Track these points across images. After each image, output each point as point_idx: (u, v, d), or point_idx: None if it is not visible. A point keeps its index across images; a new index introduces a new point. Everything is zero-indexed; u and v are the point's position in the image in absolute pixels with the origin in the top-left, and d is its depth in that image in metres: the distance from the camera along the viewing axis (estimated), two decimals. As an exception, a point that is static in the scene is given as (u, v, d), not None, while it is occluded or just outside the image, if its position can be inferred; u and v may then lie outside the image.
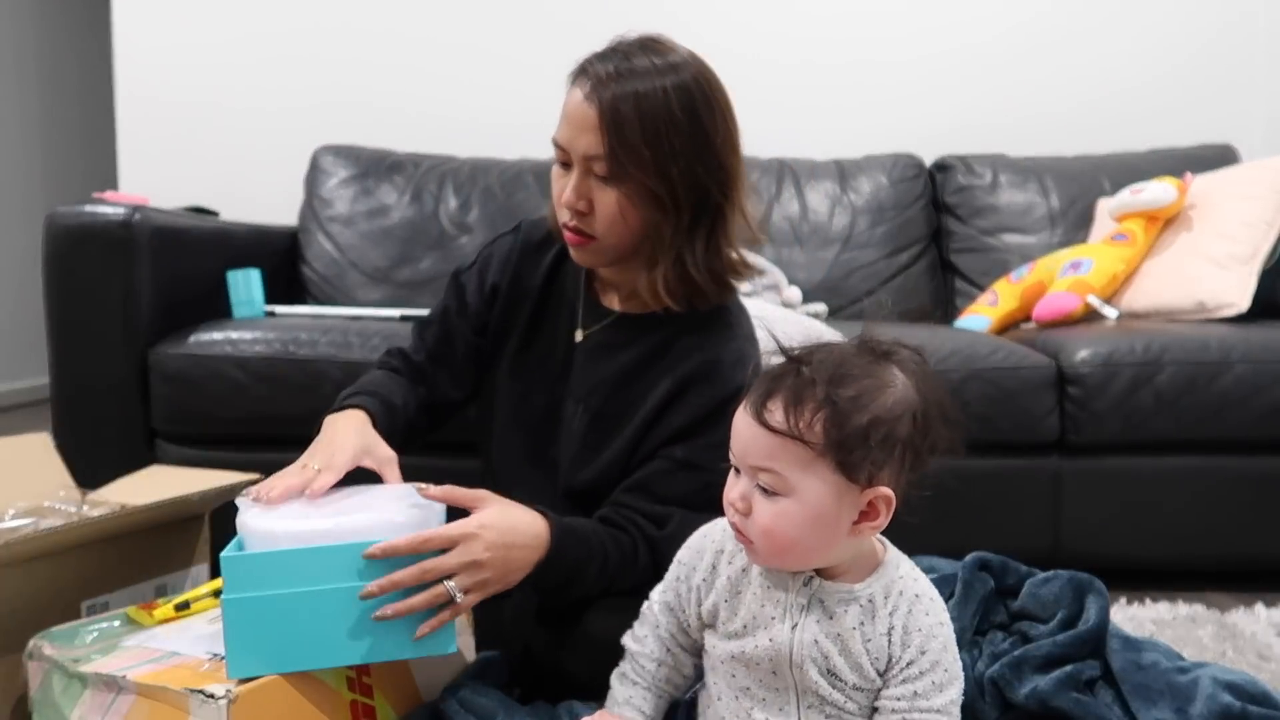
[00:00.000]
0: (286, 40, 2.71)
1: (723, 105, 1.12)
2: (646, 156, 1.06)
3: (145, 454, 1.71)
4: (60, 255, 1.70)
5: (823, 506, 0.81)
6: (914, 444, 0.83)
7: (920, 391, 0.84)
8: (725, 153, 1.11)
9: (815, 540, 0.83)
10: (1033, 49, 2.72)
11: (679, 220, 1.11)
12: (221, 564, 0.91)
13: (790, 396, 0.81)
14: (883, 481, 0.82)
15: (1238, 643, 1.42)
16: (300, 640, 0.91)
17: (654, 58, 1.09)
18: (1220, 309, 1.92)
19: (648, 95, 1.06)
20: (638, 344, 1.20)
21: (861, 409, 0.81)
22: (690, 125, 1.07)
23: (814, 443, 0.80)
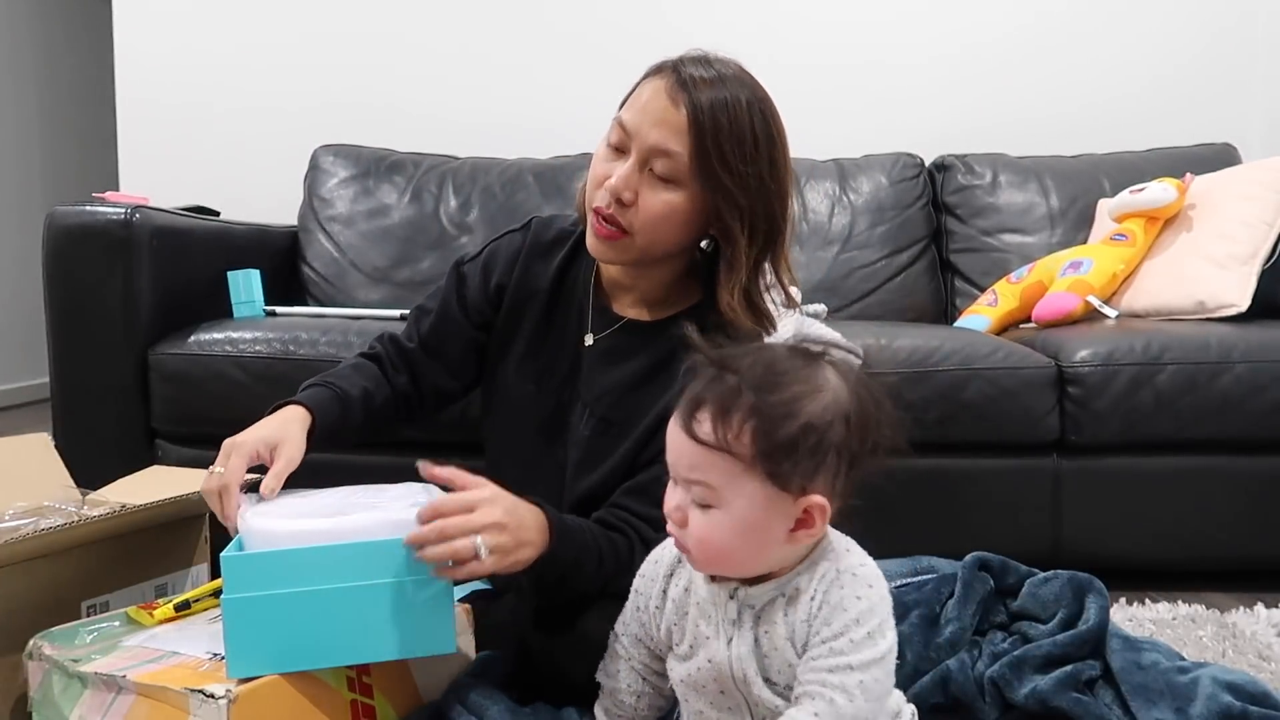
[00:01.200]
0: (287, 41, 2.71)
1: (780, 134, 1.11)
2: (734, 164, 1.05)
3: (145, 454, 1.71)
4: (60, 255, 1.70)
5: (754, 518, 0.80)
6: (849, 448, 0.81)
7: (854, 393, 0.82)
8: (786, 173, 1.11)
9: (750, 550, 0.82)
10: (1033, 49, 2.72)
11: (748, 236, 1.09)
12: (221, 564, 0.91)
13: (718, 406, 0.79)
14: (817, 489, 0.80)
15: (1238, 643, 1.42)
16: (300, 640, 0.91)
17: (724, 69, 1.08)
18: (1220, 309, 1.92)
19: (736, 105, 1.05)
20: (646, 351, 1.19)
21: (791, 416, 0.78)
22: (769, 144, 1.07)
23: (742, 454, 0.78)
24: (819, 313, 2.14)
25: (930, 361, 1.69)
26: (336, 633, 0.92)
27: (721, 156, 1.05)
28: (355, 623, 0.92)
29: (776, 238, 1.12)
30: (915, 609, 1.12)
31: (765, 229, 1.11)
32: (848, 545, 0.87)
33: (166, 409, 1.72)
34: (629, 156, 1.09)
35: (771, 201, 1.10)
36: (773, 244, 1.12)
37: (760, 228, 1.10)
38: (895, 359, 1.70)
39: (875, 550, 1.30)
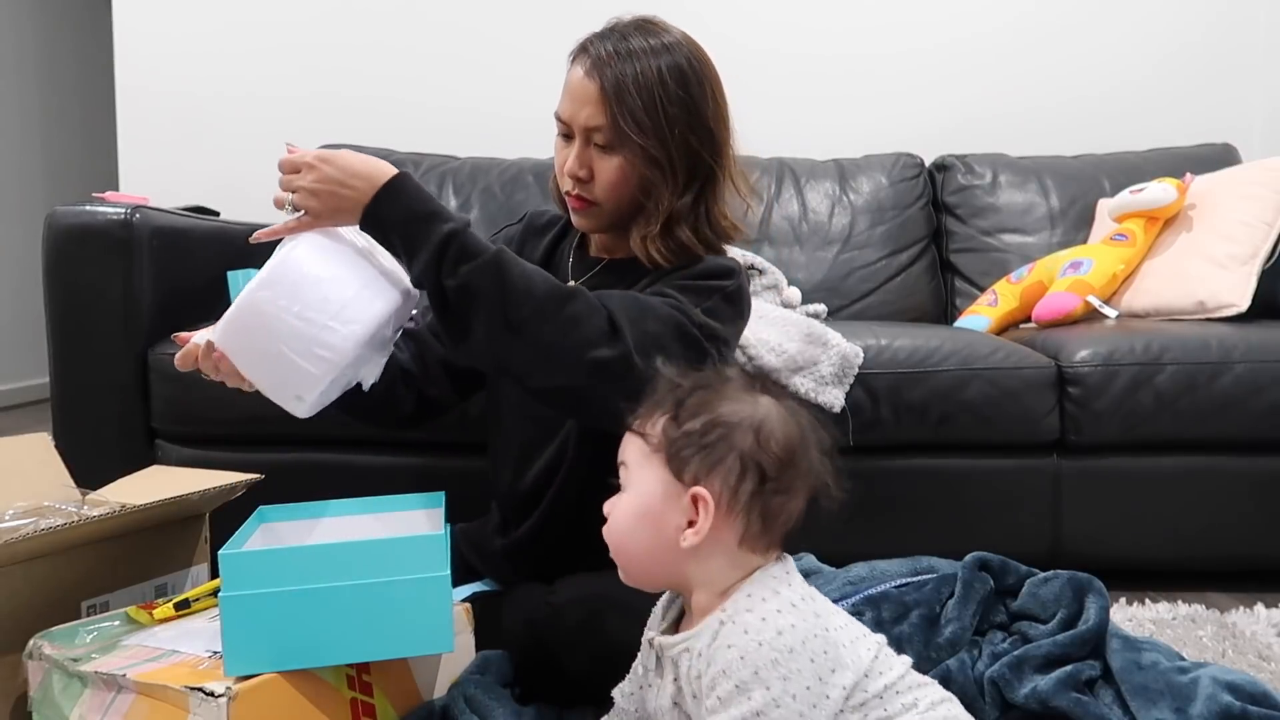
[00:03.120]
0: (287, 40, 2.72)
1: (712, 81, 1.21)
2: (646, 124, 1.15)
3: (145, 454, 1.71)
4: (60, 255, 1.70)
5: (650, 502, 0.83)
6: (757, 460, 0.81)
7: (782, 420, 0.83)
8: (715, 124, 1.19)
9: (643, 541, 0.83)
10: (1033, 49, 2.72)
11: (675, 183, 1.18)
12: (220, 561, 0.92)
13: (654, 401, 0.85)
14: (709, 486, 0.81)
15: (1238, 643, 1.42)
16: (298, 638, 0.91)
17: (649, 38, 1.19)
18: (1220, 309, 1.92)
19: (644, 71, 1.16)
20: (626, 284, 1.23)
21: (701, 412, 0.82)
22: (682, 97, 1.16)
23: (653, 438, 0.83)
24: (819, 313, 2.14)
25: (930, 361, 1.70)
26: (334, 631, 0.92)
27: (633, 119, 1.15)
28: (353, 621, 0.92)
29: (709, 184, 1.20)
30: (915, 609, 1.12)
31: (690, 178, 1.19)
32: (764, 594, 0.81)
33: (166, 409, 1.72)
34: (575, 139, 1.20)
35: (696, 152, 1.18)
36: (699, 182, 1.20)
37: (686, 178, 1.19)
38: (895, 359, 1.70)
39: (875, 550, 1.31)
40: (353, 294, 1.03)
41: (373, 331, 1.03)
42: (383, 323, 1.04)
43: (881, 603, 1.13)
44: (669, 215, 1.18)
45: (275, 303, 1.01)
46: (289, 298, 1.01)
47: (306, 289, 1.01)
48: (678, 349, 1.05)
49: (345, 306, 1.01)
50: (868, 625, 1.09)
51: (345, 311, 1.01)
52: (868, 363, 1.68)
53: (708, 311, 1.13)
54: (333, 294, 1.02)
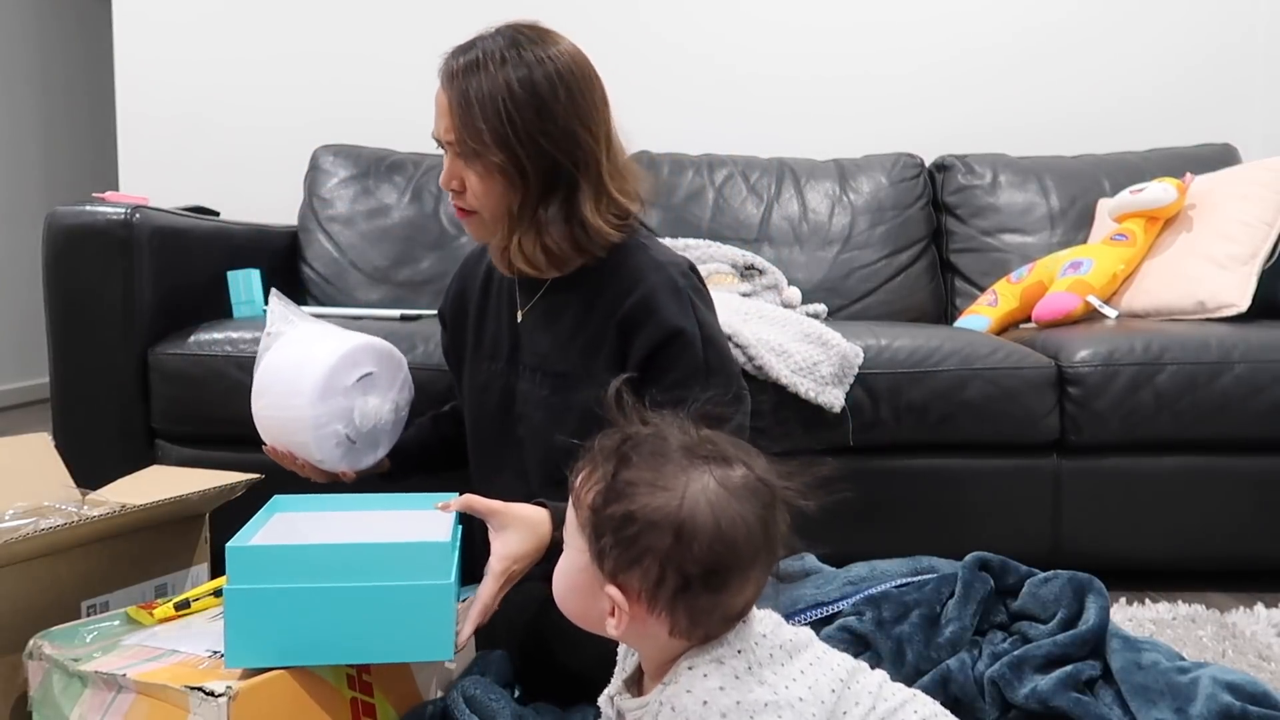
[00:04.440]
0: (287, 40, 2.71)
1: (573, 84, 1.19)
2: (490, 136, 1.16)
3: (145, 454, 1.71)
4: (60, 255, 1.70)
5: (578, 578, 0.79)
6: (678, 565, 0.73)
7: (714, 513, 0.74)
8: (575, 128, 1.18)
9: (576, 610, 0.81)
10: (1033, 49, 2.72)
11: (531, 192, 1.19)
12: (226, 554, 0.92)
13: (591, 464, 0.79)
14: (627, 586, 0.75)
15: (1238, 643, 1.42)
16: (299, 636, 0.92)
17: (507, 48, 1.19)
18: (1220, 309, 1.92)
19: (491, 83, 1.16)
20: (574, 301, 1.24)
21: (623, 499, 0.75)
22: (533, 106, 1.16)
23: (581, 512, 0.78)
24: (819, 313, 2.15)
25: (930, 361, 1.70)
26: (336, 631, 0.92)
27: (478, 132, 1.16)
28: (354, 623, 0.92)
29: (573, 190, 1.20)
30: (915, 609, 1.12)
31: (550, 186, 1.19)
32: (705, 669, 0.76)
33: (166, 409, 1.72)
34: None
35: (554, 160, 1.18)
36: (573, 194, 1.19)
37: (544, 186, 1.19)
38: (895, 359, 1.70)
39: (875, 550, 1.31)
40: (293, 371, 1.27)
41: (320, 392, 1.24)
42: (327, 379, 1.25)
43: (882, 603, 1.13)
44: (535, 223, 1.19)
45: (259, 409, 1.29)
46: (262, 400, 1.28)
47: (270, 387, 1.28)
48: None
49: (293, 382, 1.25)
50: (868, 625, 1.10)
51: (295, 385, 1.25)
52: (868, 363, 1.68)
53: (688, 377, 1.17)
54: (284, 378, 1.27)
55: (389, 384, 1.35)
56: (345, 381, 1.28)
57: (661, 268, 1.22)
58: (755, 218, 2.40)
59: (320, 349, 1.28)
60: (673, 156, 2.49)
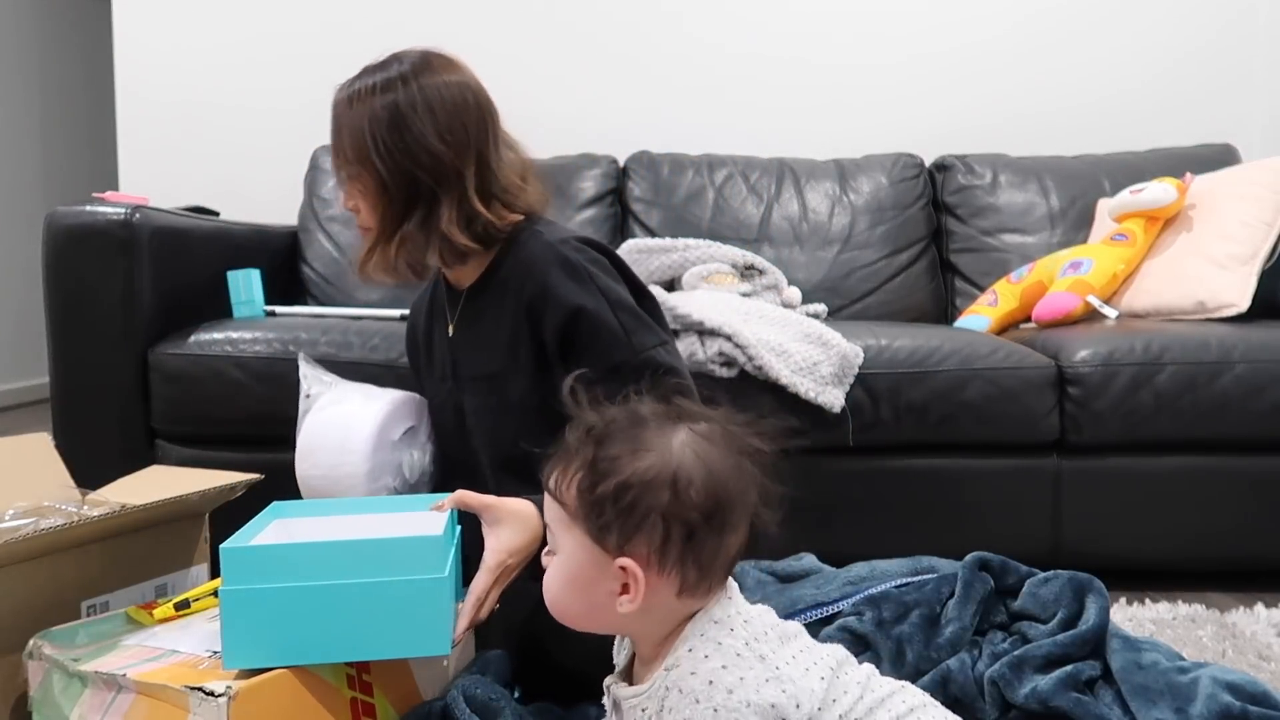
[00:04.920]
0: (286, 40, 2.72)
1: (440, 108, 1.24)
2: (347, 158, 1.25)
3: (145, 454, 1.71)
4: (60, 255, 1.70)
5: (580, 570, 0.79)
6: (680, 516, 0.76)
7: (700, 461, 0.78)
8: (438, 149, 1.23)
9: (579, 606, 0.81)
10: (1033, 48, 2.72)
11: (392, 207, 1.25)
12: (221, 555, 0.92)
13: (565, 455, 0.80)
14: (636, 553, 0.77)
15: (1238, 643, 1.42)
16: (296, 635, 0.92)
17: (380, 75, 1.26)
18: (1220, 309, 1.92)
19: (358, 114, 1.24)
20: (489, 302, 1.29)
21: (613, 472, 0.77)
22: (393, 125, 1.22)
23: (569, 504, 0.79)
24: (819, 313, 2.15)
25: (930, 361, 1.70)
26: (332, 629, 0.92)
27: (340, 152, 1.26)
28: (350, 620, 0.93)
29: (435, 207, 1.25)
30: (916, 609, 1.12)
31: (410, 205, 1.25)
32: (706, 650, 0.78)
33: (166, 409, 1.72)
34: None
35: (416, 180, 1.23)
36: (435, 212, 1.24)
37: (404, 205, 1.25)
38: (895, 359, 1.70)
39: (875, 550, 1.31)
40: (340, 431, 1.31)
41: (373, 447, 1.29)
42: (378, 434, 1.30)
43: (882, 602, 1.13)
44: (400, 237, 1.25)
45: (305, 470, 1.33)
46: (309, 461, 1.32)
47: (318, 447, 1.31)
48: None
49: (344, 440, 1.29)
50: (868, 625, 1.10)
51: (346, 443, 1.29)
52: (868, 363, 1.68)
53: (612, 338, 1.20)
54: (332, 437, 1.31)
55: (426, 434, 1.40)
56: (393, 436, 1.32)
57: (552, 247, 1.24)
58: (755, 218, 2.40)
59: (365, 407, 1.32)
60: (673, 156, 2.49)
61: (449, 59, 1.30)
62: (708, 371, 1.63)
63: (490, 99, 1.31)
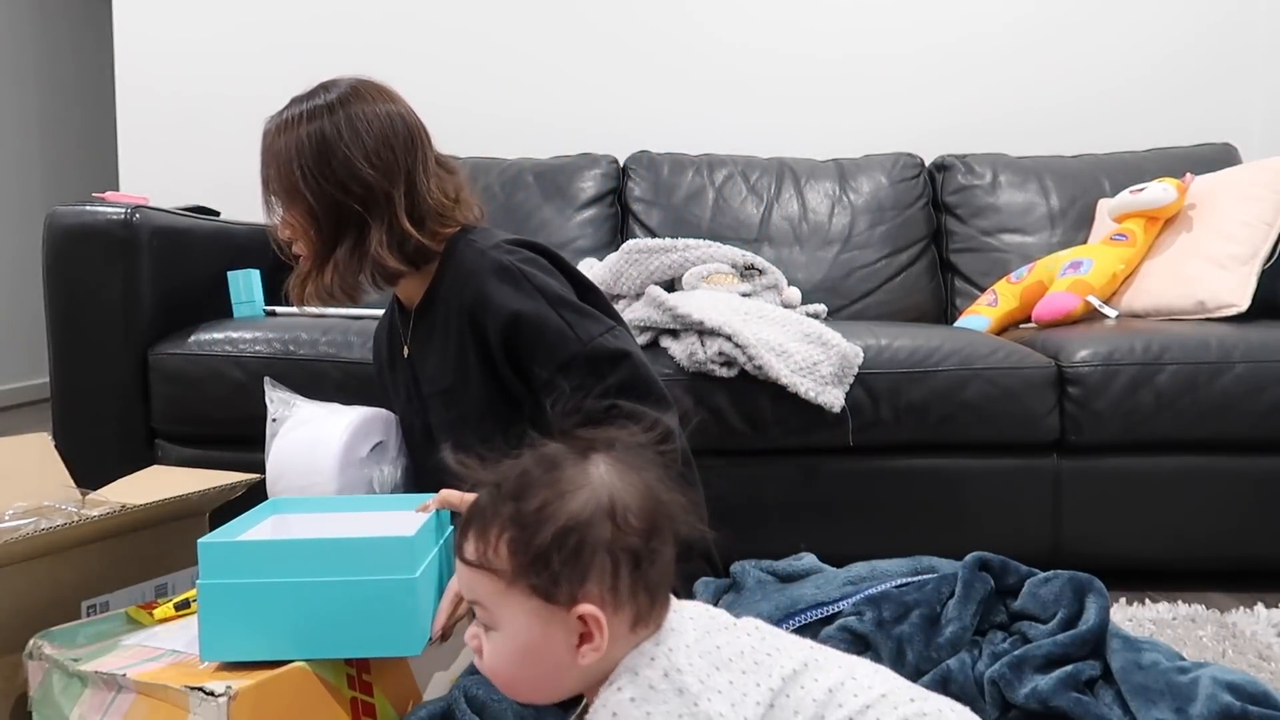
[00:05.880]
0: (287, 40, 2.72)
1: (366, 133, 1.26)
2: (276, 188, 1.27)
3: (145, 454, 1.71)
4: (60, 255, 1.70)
5: (530, 638, 0.74)
6: (624, 545, 0.74)
7: (630, 485, 0.75)
8: (366, 174, 1.25)
9: (538, 675, 0.76)
10: (1033, 49, 2.72)
11: (322, 234, 1.27)
12: (199, 550, 0.93)
13: (479, 523, 0.76)
14: (590, 597, 0.73)
15: (1238, 643, 1.42)
16: (270, 630, 0.93)
17: (306, 104, 1.28)
18: (1220, 309, 1.92)
19: (285, 143, 1.26)
20: (435, 316, 1.31)
21: (546, 520, 0.73)
22: (318, 153, 1.24)
23: (503, 570, 0.74)
24: (819, 313, 2.15)
25: (930, 361, 1.70)
26: (305, 625, 0.93)
27: (266, 182, 1.29)
28: (323, 618, 0.94)
29: (364, 231, 1.26)
30: (916, 609, 1.12)
31: (340, 229, 1.27)
32: (621, 683, 0.74)
33: (166, 409, 1.72)
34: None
35: (342, 205, 1.25)
36: (364, 235, 1.26)
37: (333, 230, 1.27)
38: (895, 359, 1.70)
39: (875, 550, 1.31)
40: (307, 452, 1.30)
41: (339, 466, 1.28)
42: (344, 453, 1.29)
43: (882, 603, 1.13)
44: (333, 262, 1.27)
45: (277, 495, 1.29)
46: (280, 485, 1.30)
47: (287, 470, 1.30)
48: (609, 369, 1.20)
49: (311, 461, 1.29)
50: (868, 625, 1.10)
51: (314, 464, 1.28)
52: (868, 363, 1.68)
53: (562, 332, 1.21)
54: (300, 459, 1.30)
55: (396, 449, 1.40)
56: (360, 453, 1.32)
57: (484, 254, 1.26)
58: (755, 218, 2.40)
59: (330, 426, 1.31)
60: (673, 156, 2.49)
61: (380, 87, 1.33)
62: (707, 371, 1.63)
63: (420, 123, 1.34)
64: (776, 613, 1.15)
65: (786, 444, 1.68)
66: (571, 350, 1.20)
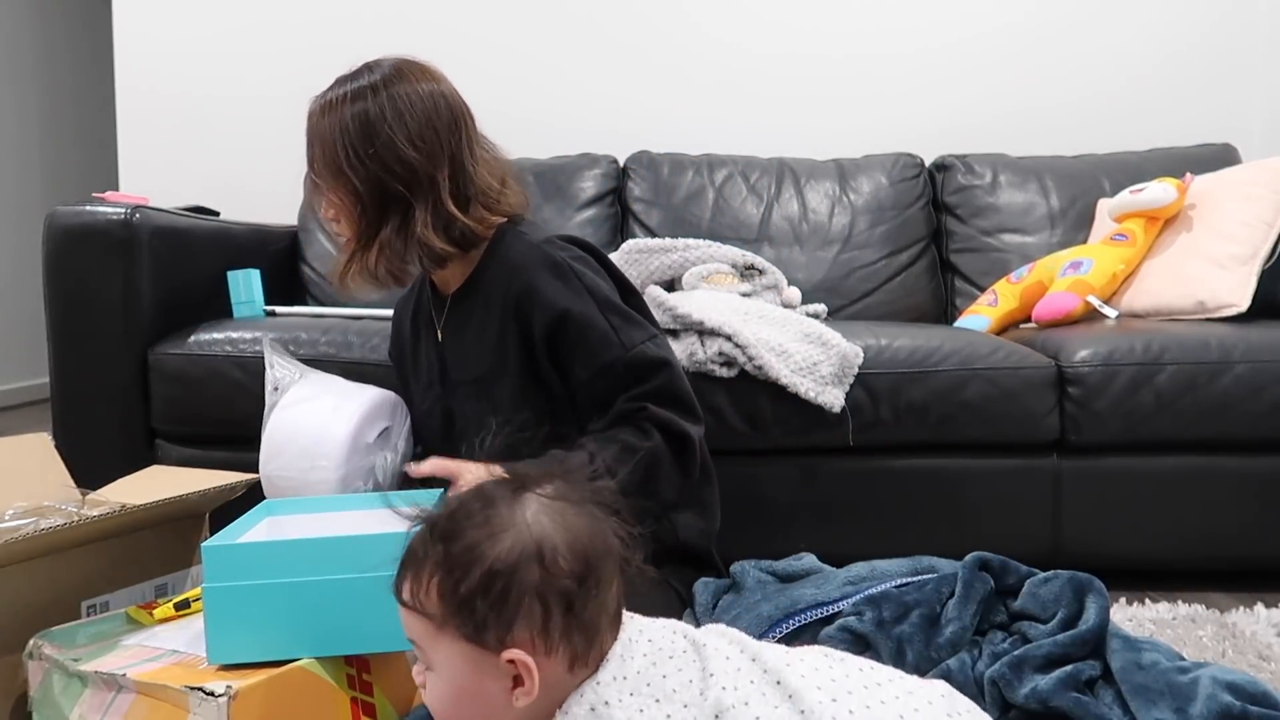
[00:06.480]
0: (287, 39, 2.72)
1: (410, 114, 1.25)
2: (326, 171, 1.26)
3: (145, 454, 1.71)
4: (60, 255, 1.70)
5: (462, 680, 0.74)
6: (555, 588, 0.73)
7: (558, 525, 0.74)
8: (406, 155, 1.24)
9: (474, 716, 0.75)
10: (1033, 49, 2.72)
11: (366, 218, 1.26)
12: (203, 553, 0.93)
13: (413, 565, 0.76)
14: (519, 642, 0.72)
15: (1238, 643, 1.42)
16: (277, 630, 0.93)
17: (350, 84, 1.26)
18: (1220, 309, 1.92)
19: (330, 123, 1.25)
20: (475, 305, 1.30)
21: (474, 563, 0.72)
22: (362, 133, 1.23)
23: (433, 612, 0.74)
24: (819, 313, 2.15)
25: (930, 361, 1.70)
26: (311, 624, 0.94)
27: (313, 163, 1.28)
28: (330, 616, 0.94)
29: (409, 213, 1.25)
30: (916, 609, 1.12)
31: (384, 212, 1.26)
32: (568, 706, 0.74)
33: (166, 409, 1.72)
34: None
35: (388, 187, 1.24)
36: (409, 218, 1.25)
37: (377, 213, 1.26)
38: (895, 359, 1.70)
39: (875, 550, 1.31)
40: (313, 434, 1.27)
41: (347, 453, 1.26)
42: (353, 439, 1.27)
43: (882, 602, 1.13)
44: (378, 244, 1.26)
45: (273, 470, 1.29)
46: (277, 462, 1.28)
47: (286, 449, 1.28)
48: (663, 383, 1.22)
49: (316, 445, 1.26)
50: (868, 625, 1.10)
51: (319, 448, 1.26)
52: (868, 363, 1.68)
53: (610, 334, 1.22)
54: (302, 441, 1.27)
55: (400, 434, 1.39)
56: (368, 439, 1.31)
57: (536, 248, 1.26)
58: (755, 218, 2.40)
59: (341, 409, 1.30)
60: (673, 156, 2.49)
61: (423, 67, 1.31)
62: (707, 371, 1.63)
63: (465, 104, 1.33)
64: (776, 613, 1.15)
65: (786, 444, 1.68)
66: (614, 354, 1.20)
